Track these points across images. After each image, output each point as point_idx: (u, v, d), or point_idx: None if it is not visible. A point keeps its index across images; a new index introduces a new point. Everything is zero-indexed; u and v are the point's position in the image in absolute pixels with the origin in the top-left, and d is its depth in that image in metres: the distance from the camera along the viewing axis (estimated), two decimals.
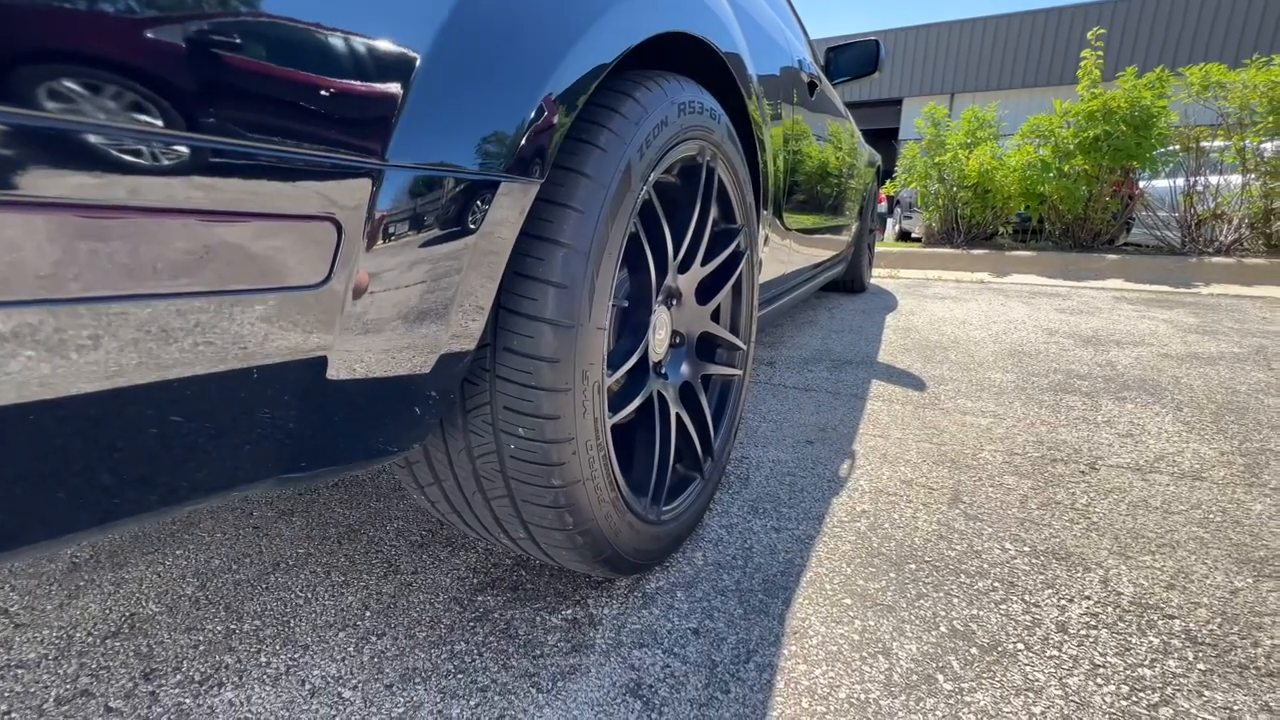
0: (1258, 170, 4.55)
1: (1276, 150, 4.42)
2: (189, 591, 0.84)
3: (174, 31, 0.32)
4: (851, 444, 1.37)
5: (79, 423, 0.34)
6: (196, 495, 0.42)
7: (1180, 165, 4.95)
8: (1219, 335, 2.52)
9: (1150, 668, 0.70)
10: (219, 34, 0.33)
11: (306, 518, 1.04)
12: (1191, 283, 4.21)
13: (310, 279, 0.40)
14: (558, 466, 0.59)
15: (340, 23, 0.38)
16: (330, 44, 0.38)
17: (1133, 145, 4.74)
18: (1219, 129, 4.78)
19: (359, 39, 0.39)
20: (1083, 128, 4.88)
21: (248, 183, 0.36)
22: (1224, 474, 1.21)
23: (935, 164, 5.80)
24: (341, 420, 0.47)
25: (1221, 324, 2.78)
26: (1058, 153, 5.07)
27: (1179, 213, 5.00)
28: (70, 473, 0.35)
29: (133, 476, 0.38)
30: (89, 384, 0.33)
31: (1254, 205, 4.64)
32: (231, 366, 0.38)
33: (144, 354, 0.34)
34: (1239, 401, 1.65)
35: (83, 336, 0.32)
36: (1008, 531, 1.00)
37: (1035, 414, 1.55)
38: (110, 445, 0.35)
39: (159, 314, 0.34)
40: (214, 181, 0.34)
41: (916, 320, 2.86)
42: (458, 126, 0.45)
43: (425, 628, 0.77)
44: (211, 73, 0.33)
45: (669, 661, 0.71)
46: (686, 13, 0.75)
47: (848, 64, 2.30)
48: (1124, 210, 5.28)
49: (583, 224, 0.56)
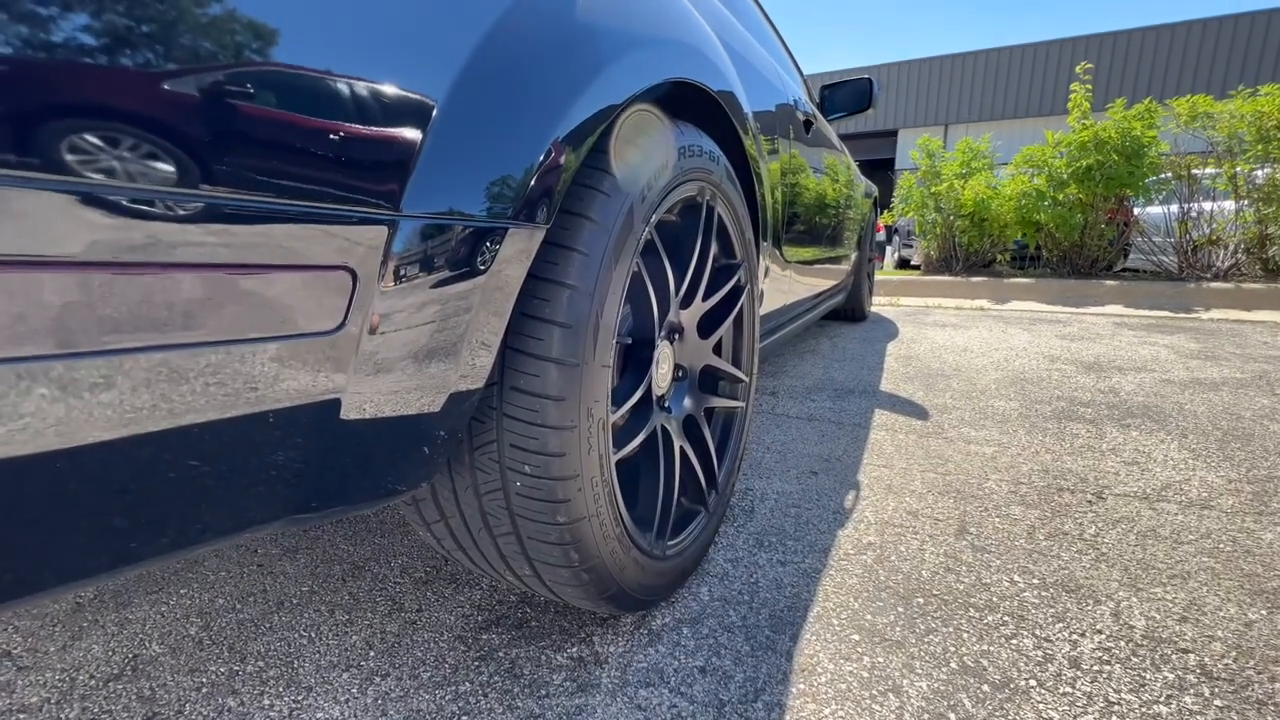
0: (1250, 196, 4.62)
1: (1268, 177, 4.49)
2: (192, 632, 0.84)
3: (201, 92, 0.34)
4: (856, 474, 1.37)
5: (98, 469, 0.35)
6: (209, 538, 0.42)
7: (1174, 192, 5.02)
8: (1221, 360, 2.52)
9: (1166, 705, 0.69)
10: (243, 94, 0.35)
11: (311, 555, 1.03)
12: (1191, 308, 4.23)
13: (326, 325, 0.41)
14: (563, 503, 0.60)
15: (355, 83, 0.41)
16: (345, 101, 0.40)
17: (1125, 174, 4.83)
18: (1209, 157, 4.87)
19: (374, 98, 0.41)
20: (1075, 157, 4.97)
21: (266, 236, 0.37)
22: (1232, 502, 1.20)
23: (932, 194, 5.90)
24: (352, 460, 0.48)
25: (1223, 349, 2.78)
26: (1052, 182, 5.16)
27: (1175, 239, 5.05)
28: (89, 518, 0.36)
29: (148, 521, 0.39)
30: (112, 431, 0.34)
31: (1249, 231, 4.69)
32: (247, 411, 0.40)
33: (164, 401, 0.36)
34: (1244, 428, 1.64)
35: (112, 385, 0.33)
36: (1016, 563, 0.99)
37: (1040, 442, 1.55)
38: (128, 490, 0.36)
39: (179, 363, 0.36)
40: (234, 236, 0.36)
41: (918, 348, 2.87)
42: (468, 177, 0.47)
43: (430, 668, 0.76)
44: (237, 131, 0.35)
45: (676, 701, 0.70)
46: (688, 62, 0.78)
47: (842, 101, 2.37)
48: (1120, 237, 5.34)
49: (587, 265, 0.58)
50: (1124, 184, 4.87)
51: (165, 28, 0.32)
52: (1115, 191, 4.96)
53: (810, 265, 2.01)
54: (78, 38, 0.30)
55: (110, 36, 0.31)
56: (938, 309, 4.50)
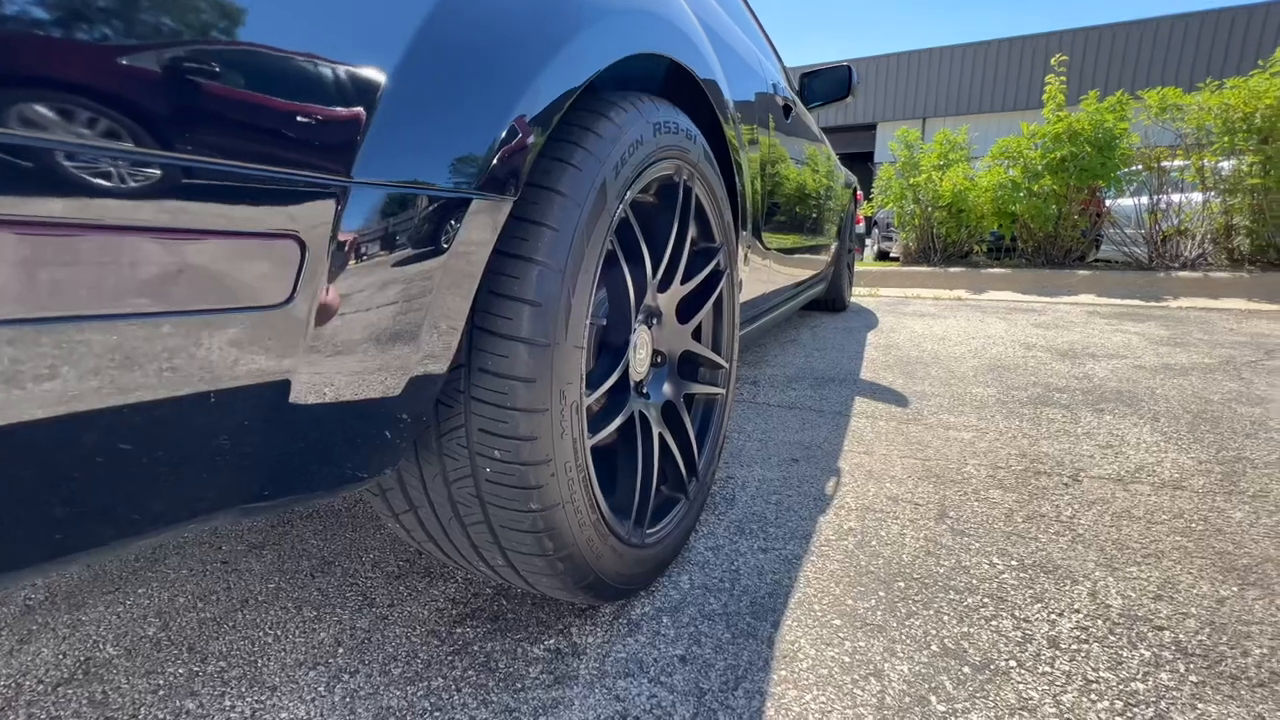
0: (1217, 188, 4.73)
1: (1234, 169, 4.60)
2: (150, 633, 0.80)
3: (137, 50, 0.31)
4: (837, 461, 1.36)
5: (26, 451, 0.32)
6: (152, 528, 0.39)
7: (1144, 184, 5.13)
8: (1190, 347, 2.58)
9: (1143, 681, 0.69)
10: (179, 51, 0.32)
11: (278, 551, 1.00)
12: (1161, 296, 4.33)
13: (272, 299, 0.38)
14: (535, 490, 0.58)
15: (302, 41, 0.38)
16: (292, 61, 0.37)
17: (1098, 165, 4.91)
18: (1178, 149, 4.97)
19: (322, 57, 0.38)
20: (1050, 149, 5.04)
21: (207, 200, 0.34)
22: (1203, 483, 1.22)
23: (910, 185, 5.95)
24: (306, 446, 0.45)
25: (1191, 336, 2.84)
26: (1027, 173, 5.23)
27: (1145, 229, 5.16)
28: (17, 505, 0.32)
29: (84, 509, 0.36)
30: (37, 410, 0.31)
31: (1216, 221, 4.81)
32: (187, 390, 0.37)
33: (96, 377, 0.33)
34: (1213, 411, 1.68)
35: (31, 359, 0.30)
36: (995, 546, 0.99)
37: (1017, 427, 1.57)
38: (60, 475, 0.33)
39: (112, 335, 0.33)
40: (172, 199, 0.33)
41: (897, 337, 2.89)
42: (428, 144, 0.44)
43: (401, 663, 0.73)
44: (168, 87, 0.32)
45: (655, 691, 0.69)
46: (662, 37, 0.76)
47: (821, 89, 2.36)
48: (1092, 228, 5.44)
49: (558, 241, 0.56)
50: (1097, 175, 4.95)
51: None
52: (1088, 183, 5.04)
53: (790, 254, 2.00)
54: None
55: None
56: (916, 299, 4.54)
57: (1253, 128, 4.39)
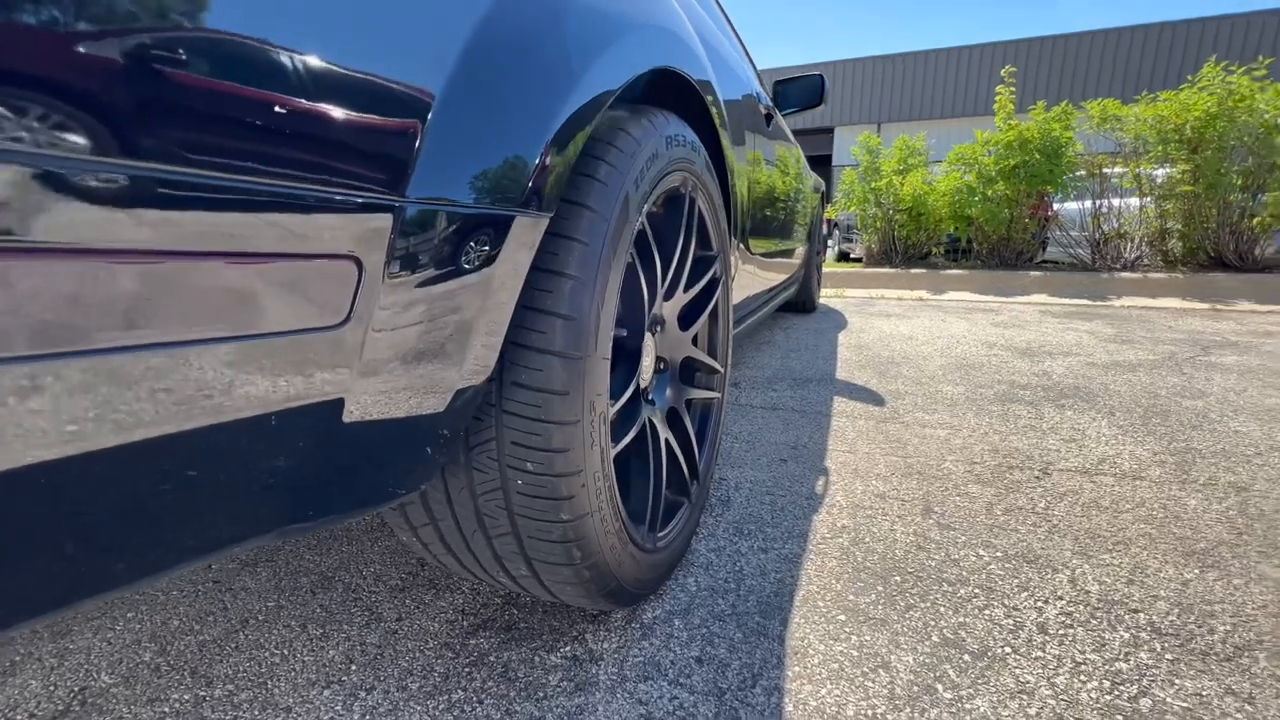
0: (1153, 194, 5.04)
1: (1167, 176, 4.92)
2: (147, 658, 0.77)
3: (190, 71, 0.31)
4: (823, 460, 1.41)
5: (88, 482, 0.31)
6: (196, 554, 0.39)
7: (1087, 189, 5.43)
8: (1135, 344, 2.75)
9: (1125, 661, 0.75)
10: (234, 71, 0.32)
11: (273, 568, 0.97)
12: (1105, 296, 4.59)
13: (330, 320, 0.38)
14: (567, 500, 0.59)
15: (354, 58, 0.38)
16: (346, 82, 0.37)
17: (1046, 171, 5.17)
18: (1118, 157, 5.28)
19: (373, 75, 0.39)
20: (1003, 156, 5.28)
21: (265, 223, 0.34)
22: (1159, 473, 1.31)
23: (872, 189, 6.13)
24: (353, 464, 0.45)
25: (1135, 333, 3.03)
26: (981, 178, 5.46)
27: (1088, 232, 5.46)
28: (75, 536, 0.32)
29: (133, 539, 0.35)
30: (105, 439, 0.30)
31: (1151, 225, 5.13)
32: (245, 414, 0.36)
33: (155, 405, 0.32)
34: (1162, 404, 1.80)
35: (94, 387, 0.30)
36: (979, 538, 1.04)
37: (987, 424, 1.64)
38: (118, 504, 0.33)
39: (168, 362, 0.32)
40: (230, 222, 0.33)
41: (867, 337, 2.98)
42: (475, 163, 0.45)
43: (418, 678, 0.73)
44: (227, 110, 0.32)
45: (676, 693, 0.70)
46: (673, 51, 0.78)
47: (795, 96, 2.42)
48: (1041, 230, 5.73)
49: (588, 255, 0.57)
50: (1045, 181, 5.21)
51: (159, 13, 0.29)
52: (1037, 188, 5.30)
53: (770, 258, 2.04)
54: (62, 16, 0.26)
55: (100, 21, 0.27)
56: (881, 300, 4.69)
57: (1183, 138, 4.70)
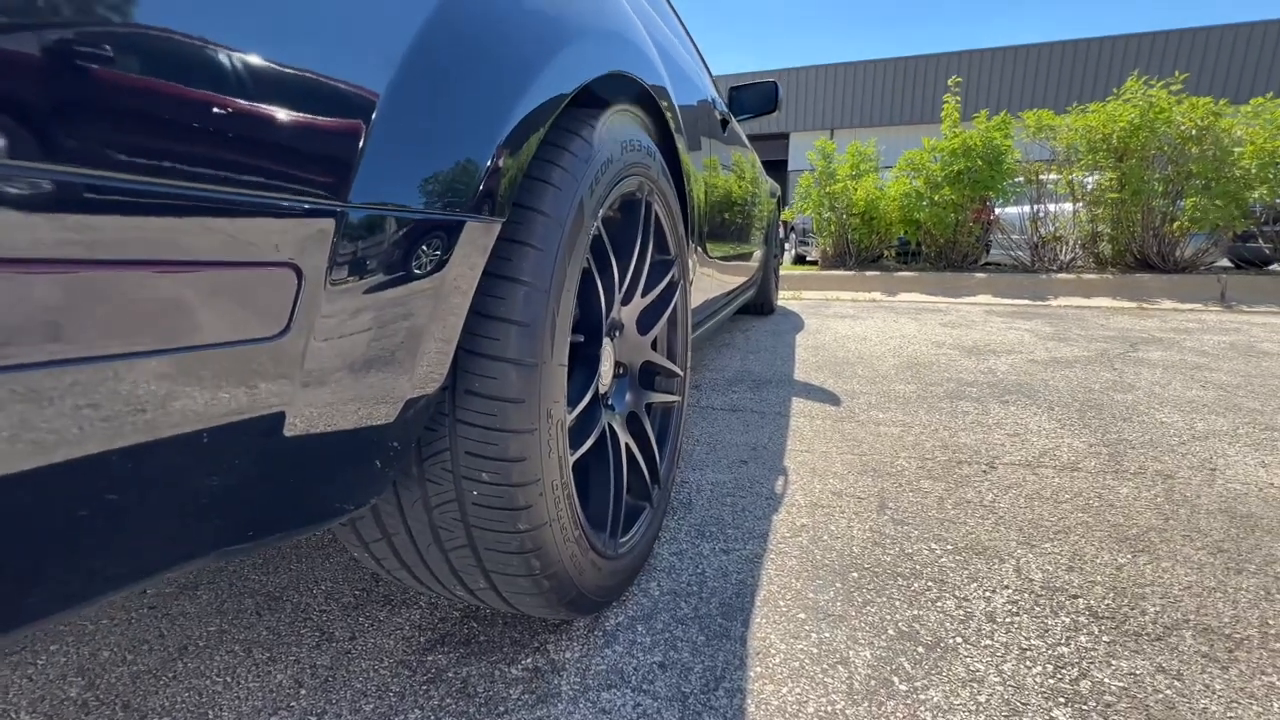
0: (1084, 200, 5.35)
1: (1096, 183, 5.23)
2: (73, 694, 0.72)
3: (128, 72, 0.29)
4: (782, 460, 1.43)
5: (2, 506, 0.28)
6: (126, 581, 0.36)
7: (1026, 195, 5.71)
8: (1071, 341, 2.91)
9: (1066, 645, 0.78)
10: (163, 68, 0.30)
11: (214, 590, 0.92)
12: (1044, 296, 4.83)
13: (268, 330, 0.36)
14: (524, 510, 0.57)
15: (291, 54, 0.36)
16: (286, 83, 0.36)
17: (988, 177, 5.42)
18: (1053, 164, 5.58)
19: (312, 72, 0.37)
20: (949, 162, 5.51)
21: (200, 229, 0.32)
22: (1095, 464, 1.38)
23: (827, 193, 6.30)
24: (296, 480, 0.43)
25: (1071, 331, 3.20)
26: (929, 184, 5.68)
27: (1028, 236, 5.75)
28: None
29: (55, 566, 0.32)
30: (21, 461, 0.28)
31: (1083, 229, 5.44)
32: (178, 431, 0.34)
33: (79, 423, 0.30)
34: (1096, 399, 1.90)
35: (6, 404, 0.27)
36: (931, 532, 1.08)
37: (937, 420, 1.70)
38: (35, 530, 0.30)
39: (93, 377, 0.30)
40: (157, 228, 0.31)
41: (823, 338, 3.06)
42: (422, 166, 0.43)
43: (372, 699, 0.70)
44: (152, 109, 0.30)
45: (639, 700, 0.70)
46: (627, 55, 0.77)
47: (750, 102, 2.46)
48: (984, 234, 6.00)
49: (542, 261, 0.56)
50: (988, 186, 5.47)
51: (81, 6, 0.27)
52: (980, 193, 5.55)
53: (728, 261, 2.07)
54: None
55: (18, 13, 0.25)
56: (837, 301, 4.81)
57: (1110, 147, 5.01)
